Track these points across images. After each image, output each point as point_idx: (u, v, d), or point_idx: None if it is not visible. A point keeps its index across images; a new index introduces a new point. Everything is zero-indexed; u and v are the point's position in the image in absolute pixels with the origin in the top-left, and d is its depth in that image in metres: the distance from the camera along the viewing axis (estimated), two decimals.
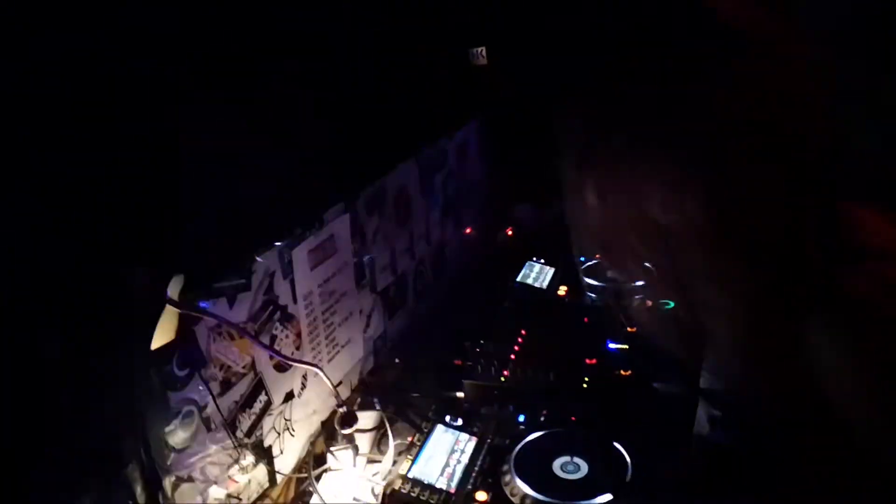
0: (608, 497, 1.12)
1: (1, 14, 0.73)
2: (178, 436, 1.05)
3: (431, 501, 1.19)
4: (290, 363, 1.30)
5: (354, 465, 1.35)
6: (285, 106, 1.31)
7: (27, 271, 0.78)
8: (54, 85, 0.80)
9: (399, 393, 1.62)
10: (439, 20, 2.08)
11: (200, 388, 1.07)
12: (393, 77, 1.74)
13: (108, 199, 0.84)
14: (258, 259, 1.19)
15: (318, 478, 1.33)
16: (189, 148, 0.98)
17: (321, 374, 1.20)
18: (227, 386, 1.16)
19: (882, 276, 0.71)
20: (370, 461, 1.41)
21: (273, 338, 1.28)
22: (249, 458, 1.25)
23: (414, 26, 1.91)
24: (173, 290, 0.98)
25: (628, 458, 1.22)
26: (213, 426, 1.14)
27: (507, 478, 1.21)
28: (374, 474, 1.35)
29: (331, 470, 1.35)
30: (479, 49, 2.38)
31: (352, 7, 1.52)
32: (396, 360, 1.76)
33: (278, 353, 1.25)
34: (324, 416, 1.46)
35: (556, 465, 1.23)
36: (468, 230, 2.38)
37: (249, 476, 1.25)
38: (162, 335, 0.98)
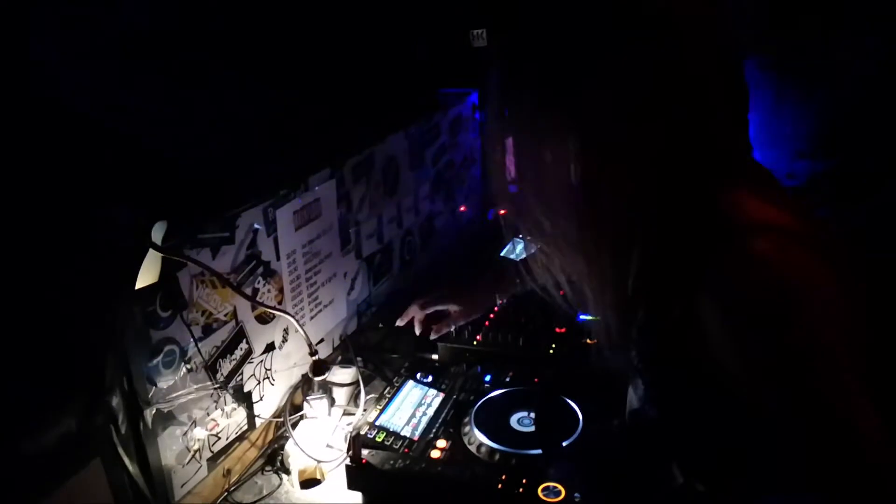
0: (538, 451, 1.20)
1: None
2: (159, 371, 1.14)
3: (395, 446, 1.28)
4: (271, 313, 1.38)
5: (329, 415, 1.44)
6: (277, 72, 1.40)
7: (19, 206, 0.87)
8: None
9: (378, 353, 1.71)
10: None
11: (182, 329, 1.16)
12: (387, 52, 1.81)
13: (97, 142, 0.93)
14: (241, 215, 1.27)
15: (294, 424, 1.42)
16: (179, 100, 1.06)
17: (293, 321, 1.28)
18: (208, 331, 1.25)
19: (752, 249, 0.77)
20: (345, 413, 1.50)
21: (255, 291, 1.37)
22: (230, 402, 1.34)
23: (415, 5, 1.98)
24: (157, 235, 1.06)
25: (580, 418, 1.30)
26: (194, 367, 1.23)
27: (467, 429, 1.29)
28: (348, 424, 1.44)
29: (306, 418, 1.44)
30: (480, 31, 2.45)
31: None
32: (380, 325, 1.85)
33: (256, 300, 1.34)
34: (304, 369, 1.55)
35: (514, 419, 1.31)
36: (462, 208, 2.46)
37: (230, 420, 1.34)
38: (146, 276, 1.07)
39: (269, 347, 1.43)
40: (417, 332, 1.47)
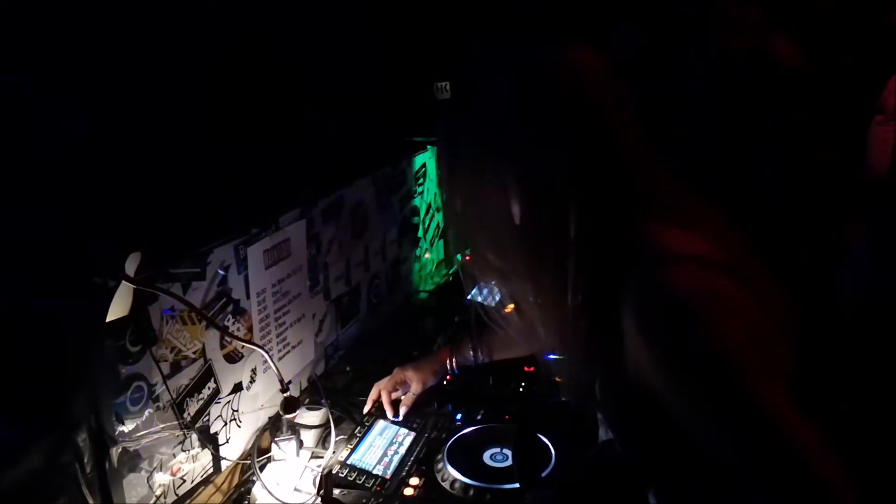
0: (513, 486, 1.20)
1: None
2: (126, 409, 1.12)
3: (367, 485, 1.26)
4: (239, 352, 1.37)
5: (298, 457, 1.41)
6: (250, 118, 1.42)
7: None
8: None
9: (346, 396, 1.69)
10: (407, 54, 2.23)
11: (151, 365, 1.14)
12: (355, 102, 1.86)
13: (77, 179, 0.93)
14: (213, 251, 1.27)
15: (261, 467, 1.39)
16: (150, 135, 1.07)
17: (266, 356, 1.27)
18: (176, 368, 1.23)
19: (661, 279, 0.83)
20: (314, 456, 1.47)
21: (224, 328, 1.35)
22: (195, 444, 1.31)
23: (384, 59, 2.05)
24: (130, 267, 1.05)
25: (553, 452, 1.30)
26: (161, 405, 1.20)
27: (440, 465, 1.29)
28: (318, 466, 1.41)
29: (274, 460, 1.41)
30: (444, 83, 2.53)
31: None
32: (347, 369, 1.83)
33: (230, 332, 1.32)
34: (271, 412, 1.52)
35: (487, 455, 1.31)
36: (427, 254, 2.48)
37: (194, 464, 1.31)
38: (117, 309, 1.05)
39: (237, 388, 1.41)
40: (390, 415, 1.49)
